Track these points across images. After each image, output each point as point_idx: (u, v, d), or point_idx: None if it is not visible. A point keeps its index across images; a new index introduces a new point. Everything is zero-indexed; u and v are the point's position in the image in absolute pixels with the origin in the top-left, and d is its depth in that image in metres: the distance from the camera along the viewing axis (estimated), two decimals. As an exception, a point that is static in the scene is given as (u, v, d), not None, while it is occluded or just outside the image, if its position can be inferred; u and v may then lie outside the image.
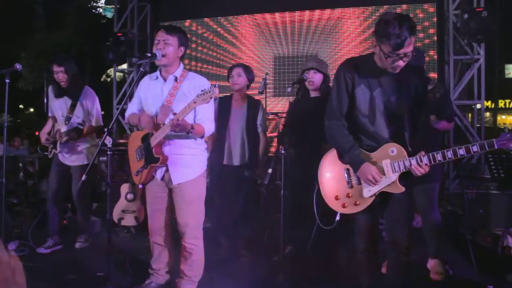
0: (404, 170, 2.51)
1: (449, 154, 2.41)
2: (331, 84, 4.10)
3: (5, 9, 16.54)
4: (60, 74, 4.38)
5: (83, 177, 3.07)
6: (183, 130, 2.94)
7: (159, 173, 3.20)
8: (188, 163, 3.17)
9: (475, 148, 2.35)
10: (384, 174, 2.54)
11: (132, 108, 3.37)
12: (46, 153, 4.59)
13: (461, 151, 2.38)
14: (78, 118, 4.42)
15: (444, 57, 6.59)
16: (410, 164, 2.48)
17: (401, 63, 2.44)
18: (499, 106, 20.13)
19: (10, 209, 5.47)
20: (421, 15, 6.45)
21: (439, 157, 2.42)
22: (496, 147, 2.34)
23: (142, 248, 4.28)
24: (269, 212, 4.93)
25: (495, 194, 4.59)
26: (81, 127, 4.25)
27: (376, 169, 2.53)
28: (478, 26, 5.98)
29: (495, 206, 4.57)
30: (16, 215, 5.33)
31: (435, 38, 6.44)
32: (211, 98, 2.77)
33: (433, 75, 6.35)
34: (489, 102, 18.47)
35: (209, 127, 3.14)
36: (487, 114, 19.93)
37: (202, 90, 2.78)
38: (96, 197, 5.86)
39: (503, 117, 22.48)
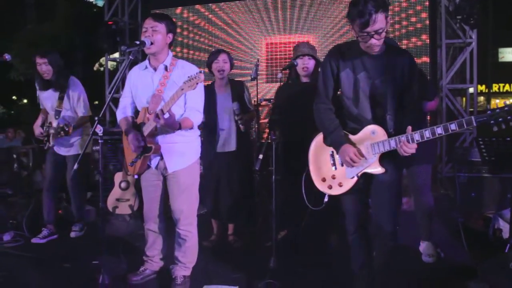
0: (384, 151, 2.53)
1: (427, 133, 2.38)
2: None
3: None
4: (43, 66, 4.33)
5: (75, 166, 3.07)
6: (170, 128, 2.98)
7: (154, 162, 3.22)
8: (182, 151, 3.18)
9: (453, 127, 2.31)
10: (364, 155, 2.56)
11: (124, 102, 3.34)
12: (41, 145, 4.58)
13: (439, 130, 2.35)
14: (67, 111, 4.42)
15: (436, 41, 6.60)
16: (390, 145, 2.49)
17: (374, 41, 2.43)
18: (493, 90, 20.17)
19: (5, 200, 5.47)
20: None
21: (417, 136, 2.41)
22: (475, 124, 2.28)
23: (137, 235, 4.31)
24: (263, 198, 4.96)
25: (486, 178, 4.62)
26: (67, 129, 4.20)
27: (355, 150, 2.55)
28: (470, 10, 5.97)
29: (487, 189, 4.61)
30: (10, 206, 5.32)
31: (427, 22, 6.44)
32: (197, 84, 2.77)
33: (425, 59, 6.37)
34: (483, 86, 18.51)
35: (197, 118, 3.14)
36: (481, 98, 19.96)
37: (188, 77, 2.79)
38: (90, 186, 5.86)
39: (497, 101, 22.51)
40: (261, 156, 3.25)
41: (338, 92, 2.73)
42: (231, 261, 3.75)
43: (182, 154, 3.18)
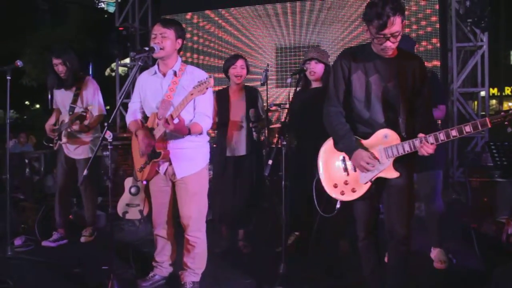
0: (398, 155, 2.51)
1: (442, 136, 2.39)
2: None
3: (8, 6, 16.57)
4: (59, 66, 4.40)
5: (85, 172, 3.08)
6: (179, 133, 2.99)
7: (162, 168, 3.21)
8: (191, 157, 3.18)
9: (467, 128, 2.32)
10: (378, 160, 2.54)
11: (133, 107, 3.34)
12: (51, 144, 4.62)
13: (454, 132, 2.36)
14: (80, 109, 4.45)
15: (446, 44, 6.55)
16: (404, 149, 2.48)
17: (389, 44, 2.44)
18: (505, 93, 19.98)
19: (16, 204, 5.51)
20: (423, 3, 6.40)
21: (431, 139, 2.41)
22: (489, 125, 2.29)
23: (146, 241, 4.32)
24: (273, 203, 4.95)
25: (499, 182, 4.56)
26: (84, 113, 4.28)
27: (369, 154, 2.53)
28: (481, 12, 5.92)
29: (500, 194, 4.55)
30: (22, 211, 5.36)
31: (438, 25, 6.39)
32: (207, 88, 2.78)
33: (436, 63, 6.32)
34: (495, 89, 18.36)
35: (207, 123, 3.14)
36: (493, 101, 19.78)
37: (198, 81, 2.80)
38: (101, 191, 5.88)
39: (510, 104, 22.29)
40: (270, 162, 3.24)
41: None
42: (241, 267, 3.74)
43: (191, 159, 3.18)
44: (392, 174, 2.54)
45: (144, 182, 3.34)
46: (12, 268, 3.78)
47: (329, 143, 2.76)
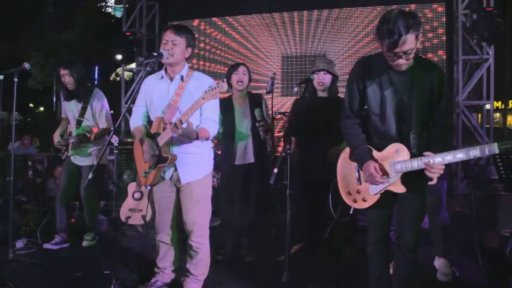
0: (406, 171, 2.50)
1: (450, 157, 2.39)
2: (339, 84, 4.11)
3: (15, 9, 16.67)
4: (66, 77, 4.43)
5: (90, 176, 3.09)
6: (187, 137, 2.98)
7: (168, 173, 3.21)
8: (196, 162, 3.18)
9: (475, 152, 2.33)
10: (388, 173, 2.53)
11: (138, 111, 3.32)
12: (59, 154, 4.64)
13: (460, 155, 2.37)
14: (88, 121, 4.48)
15: (452, 57, 6.54)
16: (411, 166, 2.47)
17: (402, 62, 2.39)
18: (509, 107, 19.92)
19: (19, 207, 5.51)
20: (430, 15, 6.40)
21: (437, 159, 2.40)
22: (497, 151, 2.29)
23: (149, 246, 4.30)
24: (276, 212, 4.94)
25: (503, 195, 4.55)
26: (88, 135, 4.30)
27: (377, 166, 2.53)
28: (487, 26, 5.92)
29: (504, 208, 4.53)
30: (24, 213, 5.36)
31: (444, 38, 6.38)
32: (219, 93, 2.78)
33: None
34: (499, 103, 18.33)
35: (213, 128, 3.15)
36: (497, 114, 19.76)
37: (209, 86, 2.80)
38: (104, 195, 5.88)
39: (514, 117, 22.23)
40: (275, 170, 3.24)
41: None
42: (244, 275, 3.73)
43: (196, 165, 3.18)
44: (399, 189, 2.54)
45: (148, 187, 3.33)
46: (13, 271, 3.77)
47: (347, 151, 2.78)
